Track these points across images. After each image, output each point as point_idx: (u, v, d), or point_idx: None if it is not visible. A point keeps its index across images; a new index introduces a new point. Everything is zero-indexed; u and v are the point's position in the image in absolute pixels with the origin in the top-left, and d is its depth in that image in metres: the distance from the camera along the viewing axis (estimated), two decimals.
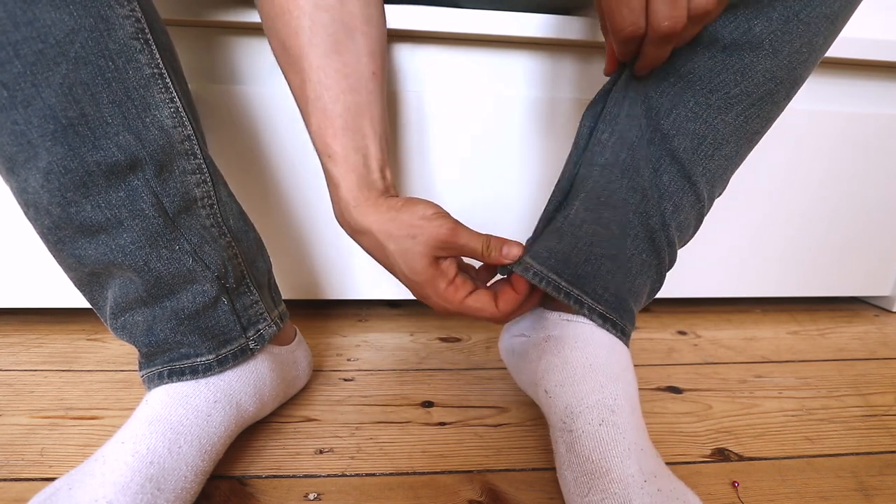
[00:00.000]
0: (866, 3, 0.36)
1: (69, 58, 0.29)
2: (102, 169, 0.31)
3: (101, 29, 0.30)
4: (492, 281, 0.43)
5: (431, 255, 0.37)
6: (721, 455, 0.45)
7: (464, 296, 0.38)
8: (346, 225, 0.40)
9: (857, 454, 0.45)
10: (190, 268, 0.36)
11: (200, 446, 0.36)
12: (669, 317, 0.75)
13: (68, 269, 0.36)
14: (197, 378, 0.38)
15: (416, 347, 0.64)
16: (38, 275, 0.61)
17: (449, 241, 0.37)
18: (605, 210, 0.38)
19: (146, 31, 0.33)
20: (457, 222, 0.38)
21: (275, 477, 0.41)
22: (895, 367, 0.62)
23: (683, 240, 0.42)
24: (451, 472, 0.42)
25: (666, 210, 0.38)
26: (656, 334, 0.69)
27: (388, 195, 0.39)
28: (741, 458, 0.44)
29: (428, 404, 0.51)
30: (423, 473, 0.42)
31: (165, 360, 0.38)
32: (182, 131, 0.35)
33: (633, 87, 0.38)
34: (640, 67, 0.35)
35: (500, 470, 0.42)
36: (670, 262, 0.42)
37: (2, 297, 0.62)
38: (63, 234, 0.33)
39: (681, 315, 0.75)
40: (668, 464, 0.36)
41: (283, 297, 0.48)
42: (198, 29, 0.54)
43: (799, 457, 0.45)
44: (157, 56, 0.34)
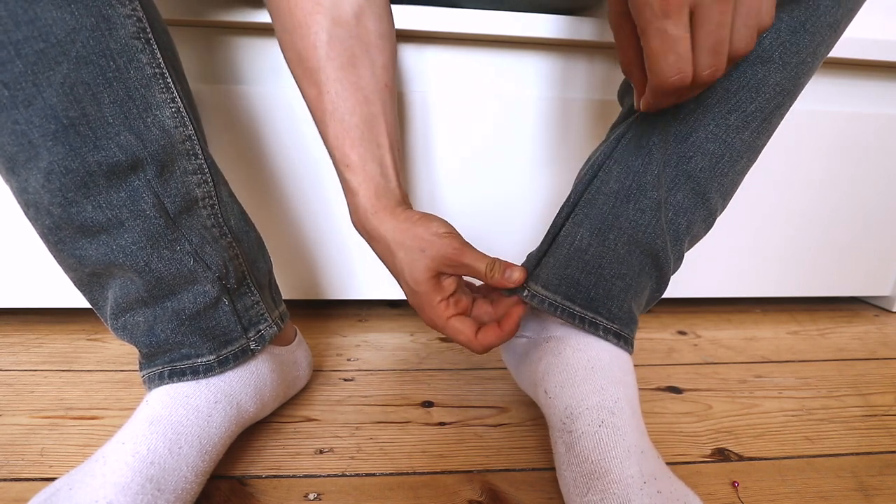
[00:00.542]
0: (866, 4, 0.36)
1: (70, 57, 0.29)
2: (103, 169, 0.31)
3: (103, 28, 0.30)
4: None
5: (436, 270, 0.39)
6: (721, 455, 0.45)
7: (450, 315, 0.40)
8: (362, 231, 0.41)
9: (857, 454, 0.45)
10: (191, 268, 0.36)
11: (201, 447, 0.36)
12: (669, 317, 0.75)
13: (68, 269, 0.36)
14: (198, 378, 0.38)
15: (416, 347, 0.64)
16: (38, 275, 0.61)
17: (454, 259, 0.38)
18: (612, 232, 0.38)
19: (147, 30, 0.33)
20: (465, 243, 0.39)
21: (275, 477, 0.41)
22: (895, 367, 0.62)
23: (690, 248, 0.43)
24: (451, 472, 0.42)
25: (680, 226, 0.39)
26: (656, 334, 0.69)
27: (406, 206, 0.41)
28: (741, 458, 0.44)
29: (428, 404, 0.51)
30: (423, 473, 0.42)
31: (166, 360, 0.38)
32: (183, 131, 0.35)
33: (645, 116, 0.38)
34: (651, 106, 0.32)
35: (500, 470, 0.42)
36: (675, 269, 0.42)
37: (2, 297, 0.62)
38: (64, 234, 0.33)
39: (681, 315, 0.75)
40: (668, 464, 0.36)
41: (283, 297, 0.48)
42: (199, 29, 0.54)
43: (799, 457, 0.45)
44: (159, 56, 0.34)
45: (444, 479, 0.41)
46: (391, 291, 0.67)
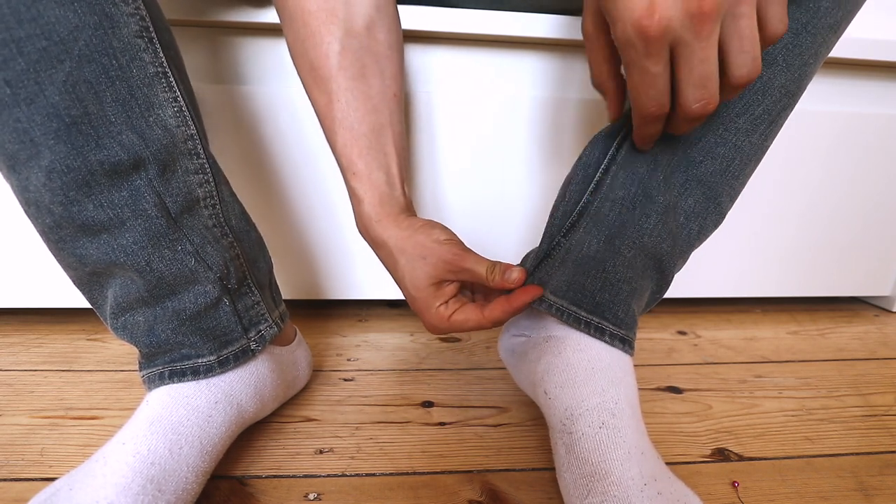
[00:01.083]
0: (866, 4, 0.36)
1: (73, 55, 0.29)
2: (105, 168, 0.31)
3: (106, 27, 0.30)
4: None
5: (438, 277, 0.39)
6: (721, 455, 0.45)
7: (451, 313, 0.40)
8: (366, 237, 0.42)
9: (857, 454, 0.46)
10: (192, 268, 0.36)
11: (201, 447, 0.36)
12: (669, 317, 0.75)
13: (68, 268, 0.36)
14: (198, 379, 0.38)
15: (416, 347, 0.64)
16: (38, 275, 0.61)
17: (455, 265, 0.39)
18: (618, 238, 0.38)
19: (150, 29, 0.33)
20: (466, 248, 0.40)
21: (275, 477, 0.41)
22: (895, 367, 0.62)
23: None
24: (451, 472, 0.42)
25: (692, 231, 0.39)
26: (656, 334, 0.69)
27: (409, 213, 0.41)
28: (741, 458, 0.44)
29: (428, 404, 0.51)
30: (423, 473, 0.42)
31: (166, 360, 0.38)
32: (185, 131, 0.35)
33: None
34: (676, 131, 0.32)
35: (500, 470, 0.42)
36: (678, 269, 0.42)
37: (2, 297, 0.62)
38: (64, 233, 0.33)
39: (681, 315, 0.75)
40: (668, 464, 0.36)
41: (283, 297, 0.48)
42: (201, 29, 0.54)
43: (799, 457, 0.45)
44: (161, 55, 0.34)
45: (444, 479, 0.41)
46: (391, 291, 0.67)
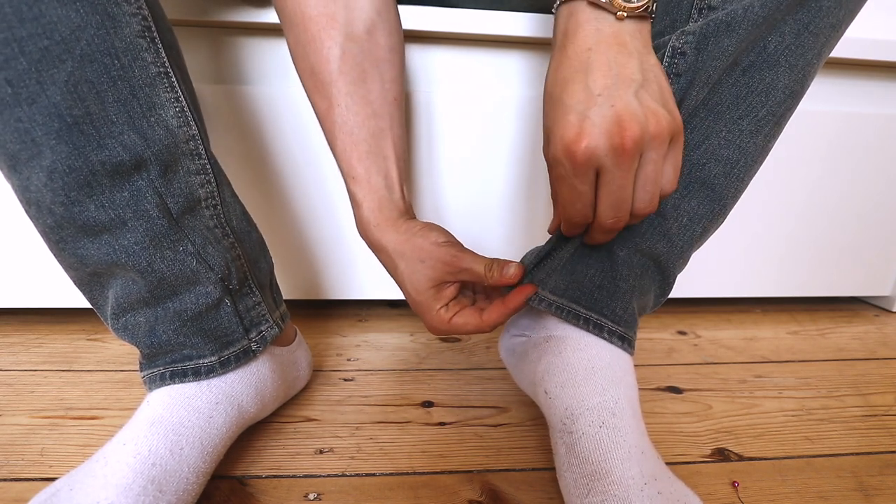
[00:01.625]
0: (866, 4, 0.36)
1: (75, 55, 0.29)
2: (107, 168, 0.31)
3: (108, 26, 0.30)
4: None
5: (437, 279, 0.40)
6: (721, 455, 0.45)
7: (451, 316, 0.41)
8: (366, 241, 0.42)
9: (857, 454, 0.46)
10: (193, 269, 0.36)
11: (202, 448, 0.36)
12: (669, 317, 0.75)
13: (69, 268, 0.35)
14: (199, 380, 0.38)
15: (416, 347, 0.64)
16: (38, 275, 0.61)
17: (453, 265, 0.39)
18: (615, 242, 0.38)
19: (152, 29, 0.33)
20: (463, 249, 0.40)
21: (275, 477, 0.41)
22: (895, 367, 0.62)
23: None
24: (451, 472, 0.42)
25: (695, 232, 0.39)
26: (656, 334, 0.69)
27: (408, 217, 0.42)
28: (741, 458, 0.44)
29: (428, 404, 0.51)
30: (423, 473, 0.42)
31: (167, 361, 0.38)
32: (187, 131, 0.35)
33: None
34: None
35: (500, 470, 0.42)
36: (680, 270, 0.42)
37: (2, 297, 0.62)
38: (65, 233, 0.33)
39: (681, 315, 0.75)
40: (668, 464, 0.36)
41: (283, 297, 0.48)
42: (203, 29, 0.54)
43: (799, 457, 0.45)
44: (163, 54, 0.34)
45: (444, 479, 0.41)
46: (391, 291, 0.67)
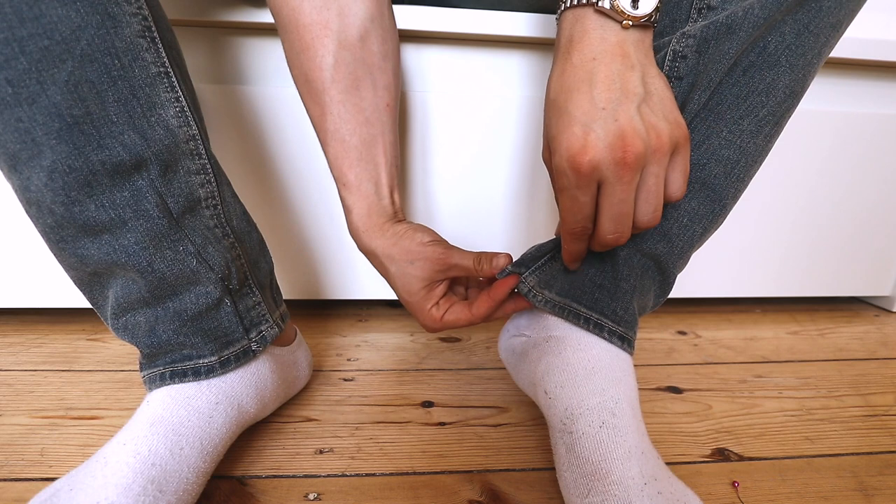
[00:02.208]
0: (867, 4, 0.36)
1: (75, 55, 0.29)
2: (107, 168, 0.31)
3: (108, 26, 0.30)
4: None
5: (427, 278, 0.41)
6: (721, 455, 0.45)
7: (442, 314, 0.42)
8: (358, 246, 0.44)
9: (857, 454, 0.46)
10: (194, 269, 0.36)
11: (202, 448, 0.36)
12: (669, 317, 0.75)
13: (69, 268, 0.35)
14: (199, 380, 0.38)
15: (416, 347, 0.64)
16: (38, 275, 0.61)
17: (442, 263, 0.40)
18: None
19: (153, 28, 0.33)
20: (450, 246, 0.41)
21: (275, 477, 0.41)
22: (895, 367, 0.62)
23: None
24: (451, 472, 0.42)
25: (695, 233, 0.39)
26: (656, 334, 0.69)
27: (395, 220, 0.43)
28: (741, 458, 0.44)
29: (428, 404, 0.51)
30: (423, 473, 0.42)
31: (167, 361, 0.38)
32: (187, 131, 0.35)
33: None
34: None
35: (500, 470, 0.42)
36: (680, 269, 0.42)
37: (2, 297, 0.62)
38: (65, 233, 0.33)
39: (681, 315, 0.75)
40: (668, 464, 0.36)
41: (283, 297, 0.48)
42: (203, 29, 0.54)
43: (799, 457, 0.45)
44: (164, 54, 0.34)
45: (444, 479, 0.41)
46: (391, 291, 0.67)
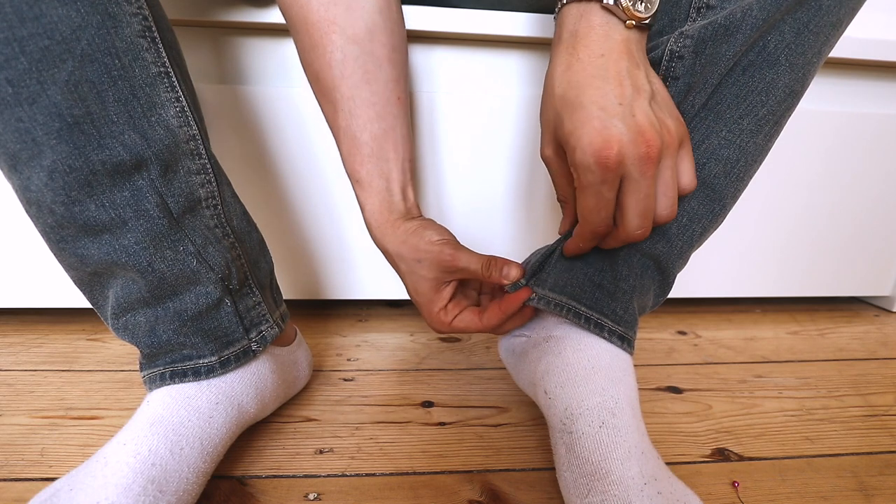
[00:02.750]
0: (866, 4, 0.36)
1: (75, 55, 0.29)
2: (107, 168, 0.31)
3: (109, 26, 0.30)
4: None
5: (435, 278, 0.41)
6: (721, 455, 0.45)
7: (451, 319, 0.42)
8: (374, 242, 0.44)
9: (857, 454, 0.46)
10: (194, 269, 0.36)
11: (202, 448, 0.36)
12: (669, 317, 0.75)
13: (69, 268, 0.35)
14: (199, 380, 0.38)
15: (416, 347, 0.64)
16: (38, 275, 0.61)
17: (450, 265, 0.40)
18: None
19: (153, 28, 0.33)
20: (459, 247, 0.40)
21: (275, 477, 0.41)
22: (895, 367, 0.62)
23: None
24: (451, 472, 0.42)
25: (694, 232, 0.39)
26: (656, 334, 0.69)
27: (408, 217, 0.42)
28: (741, 458, 0.44)
29: (428, 404, 0.51)
30: (423, 473, 0.42)
31: (167, 361, 0.38)
32: (187, 131, 0.35)
33: None
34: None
35: (500, 470, 0.42)
36: (679, 269, 0.42)
37: (2, 297, 0.62)
38: (66, 233, 0.33)
39: (681, 315, 0.75)
40: (668, 464, 0.36)
41: (283, 297, 0.48)
42: (203, 29, 0.54)
43: (799, 457, 0.45)
44: (164, 54, 0.34)
45: (444, 479, 0.41)
46: (391, 291, 0.67)
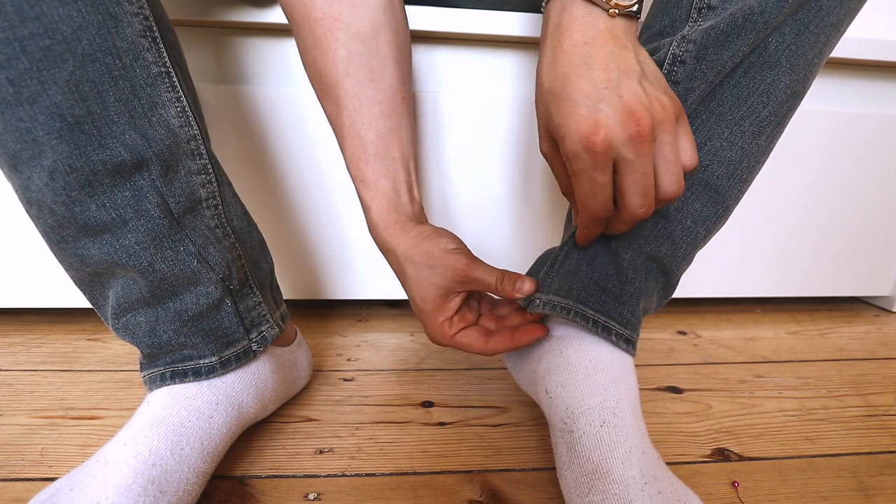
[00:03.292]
0: (866, 4, 0.36)
1: (76, 55, 0.29)
2: (108, 168, 0.31)
3: (109, 26, 0.30)
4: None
5: (445, 288, 0.39)
6: (721, 455, 0.45)
7: (454, 332, 0.40)
8: (376, 242, 0.42)
9: (857, 454, 0.46)
10: (194, 269, 0.36)
11: (202, 448, 0.36)
12: (669, 317, 0.75)
13: (70, 268, 0.35)
14: (199, 380, 0.38)
15: (416, 347, 0.64)
16: (38, 275, 0.61)
17: (464, 275, 0.38)
18: (614, 240, 0.38)
19: (154, 28, 0.33)
20: (474, 258, 0.39)
21: (275, 477, 0.41)
22: (895, 367, 0.62)
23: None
24: (451, 472, 0.42)
25: (698, 234, 0.39)
26: (656, 334, 0.69)
27: (419, 221, 0.41)
28: (741, 458, 0.44)
29: (428, 404, 0.51)
30: (423, 473, 0.42)
31: (168, 361, 0.38)
32: (188, 131, 0.35)
33: None
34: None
35: (500, 470, 0.42)
36: (683, 270, 0.42)
37: (2, 297, 0.62)
38: (66, 233, 0.33)
39: (681, 315, 0.75)
40: (668, 464, 0.36)
41: (283, 297, 0.48)
42: (204, 29, 0.54)
43: (799, 457, 0.45)
44: (165, 54, 0.34)
45: (444, 479, 0.41)
46: (391, 291, 0.67)
